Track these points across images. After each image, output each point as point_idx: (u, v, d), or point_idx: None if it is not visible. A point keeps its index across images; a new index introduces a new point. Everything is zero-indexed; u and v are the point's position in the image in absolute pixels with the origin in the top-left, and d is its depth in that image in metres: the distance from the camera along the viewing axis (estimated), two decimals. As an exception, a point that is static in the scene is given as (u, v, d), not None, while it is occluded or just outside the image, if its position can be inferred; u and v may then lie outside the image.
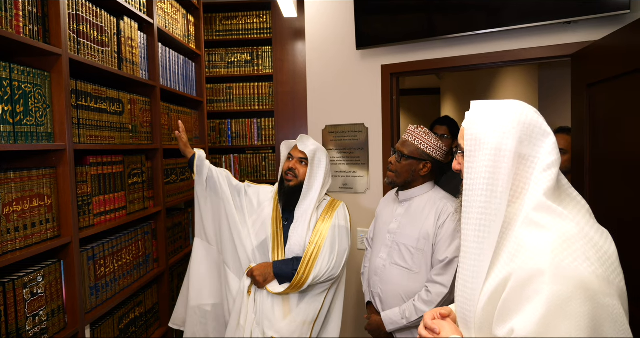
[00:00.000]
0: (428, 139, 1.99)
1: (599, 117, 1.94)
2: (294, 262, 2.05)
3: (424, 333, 1.19)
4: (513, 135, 1.02)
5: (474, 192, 1.05)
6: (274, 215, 2.16)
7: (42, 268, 1.63)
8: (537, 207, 0.99)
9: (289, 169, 2.13)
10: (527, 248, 0.96)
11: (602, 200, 1.91)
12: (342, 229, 2.12)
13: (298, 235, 2.08)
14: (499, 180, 1.02)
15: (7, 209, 1.47)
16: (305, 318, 2.03)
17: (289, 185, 2.12)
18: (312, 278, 1.99)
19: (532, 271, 0.91)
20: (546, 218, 0.98)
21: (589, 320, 0.86)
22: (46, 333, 1.63)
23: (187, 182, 3.11)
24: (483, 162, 1.04)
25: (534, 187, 1.01)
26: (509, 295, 0.95)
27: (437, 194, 2.04)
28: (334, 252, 2.05)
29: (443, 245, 1.90)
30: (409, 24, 2.50)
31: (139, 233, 2.38)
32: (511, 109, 1.07)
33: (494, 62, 2.39)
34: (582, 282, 0.88)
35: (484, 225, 1.03)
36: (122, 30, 2.23)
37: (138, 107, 2.38)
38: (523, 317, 0.90)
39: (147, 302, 2.47)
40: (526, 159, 1.03)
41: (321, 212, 2.14)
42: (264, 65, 4.20)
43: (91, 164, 1.95)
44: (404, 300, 1.97)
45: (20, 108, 1.54)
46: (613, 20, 2.05)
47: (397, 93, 2.73)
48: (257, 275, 2.04)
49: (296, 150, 2.15)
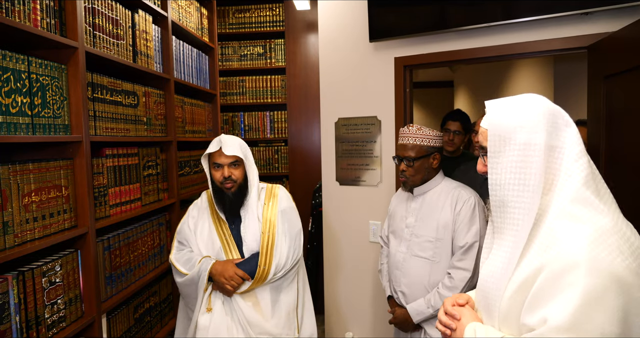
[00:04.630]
0: (425, 133, 2.01)
1: (616, 109, 1.92)
2: (254, 258, 1.94)
3: (443, 319, 1.22)
4: (541, 128, 1.02)
5: (502, 187, 1.06)
6: (216, 225, 2.03)
7: (59, 258, 1.66)
8: (575, 199, 1.00)
9: (225, 178, 1.94)
10: (562, 241, 0.96)
11: (617, 193, 1.89)
12: (290, 210, 2.06)
13: (251, 232, 1.98)
14: (530, 174, 1.02)
15: (26, 199, 1.51)
16: (287, 309, 2.00)
17: (231, 192, 1.96)
18: (275, 267, 1.91)
19: (568, 263, 0.93)
20: (582, 211, 0.99)
21: (622, 313, 0.88)
22: (64, 321, 1.67)
23: (201, 174, 3.14)
24: (510, 158, 1.04)
25: (566, 178, 1.02)
26: (542, 285, 0.96)
27: (450, 184, 2.07)
28: (291, 237, 2.00)
29: (462, 232, 1.95)
30: (422, 15, 2.48)
31: (154, 224, 2.41)
32: (531, 102, 1.06)
33: (509, 55, 2.36)
34: (617, 276, 0.90)
35: (517, 219, 1.04)
36: (136, 23, 2.25)
37: (152, 100, 2.41)
38: (557, 307, 0.92)
39: (162, 292, 2.51)
40: (554, 150, 1.03)
41: (264, 200, 2.06)
42: (277, 58, 4.20)
43: (107, 155, 1.97)
44: (427, 291, 2.00)
45: (38, 100, 1.57)
46: (631, 10, 2.01)
47: (410, 85, 2.71)
48: (224, 282, 1.87)
49: (222, 156, 1.94)
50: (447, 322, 1.20)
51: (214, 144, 1.96)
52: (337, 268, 2.94)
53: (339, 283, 2.94)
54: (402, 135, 2.06)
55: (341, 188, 2.92)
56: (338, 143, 2.90)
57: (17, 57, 1.47)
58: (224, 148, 1.93)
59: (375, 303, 2.84)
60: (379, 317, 2.82)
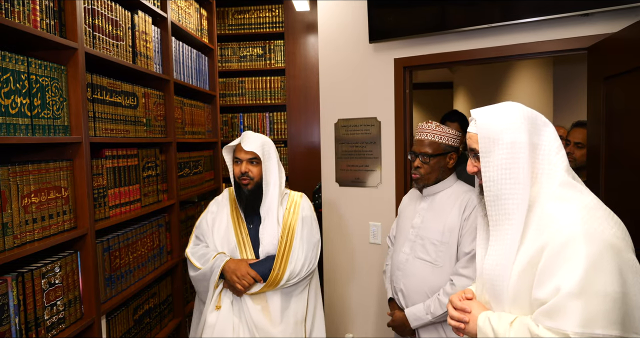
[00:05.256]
0: (445, 131, 1.96)
1: (616, 110, 1.92)
2: (268, 260, 1.94)
3: (455, 314, 1.31)
4: (523, 129, 1.18)
5: (495, 183, 1.20)
6: (234, 222, 2.04)
7: (59, 259, 1.66)
8: (562, 183, 1.17)
9: (242, 173, 1.97)
10: (558, 218, 1.12)
11: (617, 193, 1.89)
12: (311, 220, 2.06)
13: (269, 234, 1.98)
14: (519, 169, 1.17)
15: (25, 201, 1.50)
16: (296, 318, 1.97)
17: (247, 189, 1.98)
18: (289, 273, 1.90)
19: (568, 236, 1.08)
20: (569, 192, 1.16)
21: (618, 272, 1.04)
22: (63, 322, 1.67)
23: (200, 175, 3.13)
24: (500, 156, 1.19)
25: (551, 168, 1.19)
26: (547, 260, 1.10)
27: (461, 187, 2.01)
28: (309, 246, 1.99)
29: (468, 238, 1.88)
30: (422, 16, 2.48)
31: (153, 225, 2.41)
32: (512, 108, 1.23)
33: (509, 56, 2.36)
34: (609, 242, 1.06)
35: (511, 209, 1.18)
36: (136, 24, 2.25)
37: (152, 101, 2.40)
38: (566, 274, 1.05)
39: (162, 294, 2.50)
40: (536, 147, 1.20)
41: (286, 206, 2.05)
42: (276, 59, 4.20)
43: (107, 156, 1.97)
44: (427, 295, 1.94)
45: (38, 101, 1.56)
46: (631, 12, 2.02)
47: (410, 87, 2.71)
48: (236, 281, 1.87)
49: (242, 151, 1.97)
50: (459, 316, 1.29)
51: (239, 138, 2.01)
52: (336, 269, 2.94)
53: (339, 284, 2.94)
54: (421, 131, 2.00)
55: (341, 189, 2.91)
56: (338, 144, 2.90)
57: (16, 58, 1.47)
58: (244, 143, 1.95)
59: (376, 305, 2.84)
60: (379, 318, 2.82)
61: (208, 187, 3.27)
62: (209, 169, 3.34)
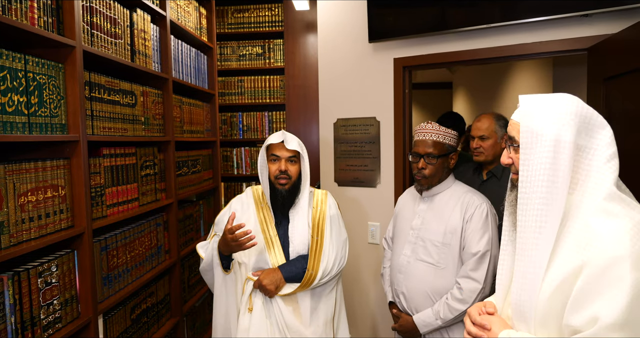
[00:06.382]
0: (447, 132, 1.96)
1: (616, 111, 1.91)
2: (299, 260, 1.94)
3: (473, 330, 1.18)
4: (571, 126, 1.04)
5: (532, 184, 1.06)
6: (262, 222, 1.99)
7: (56, 258, 1.65)
8: (609, 196, 1.02)
9: (281, 171, 1.92)
10: (603, 236, 0.97)
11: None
12: (338, 218, 2.06)
13: (300, 234, 1.97)
14: (558, 171, 1.03)
15: (22, 199, 1.49)
16: (325, 317, 1.97)
17: (284, 189, 1.94)
18: (321, 272, 1.89)
19: (613, 258, 0.93)
20: (617, 207, 1.01)
21: None
22: (60, 322, 1.66)
23: (199, 174, 3.13)
24: (542, 154, 1.05)
25: (598, 177, 1.04)
26: (586, 282, 0.96)
27: (461, 188, 2.00)
28: (338, 245, 2.00)
29: (474, 239, 1.85)
30: (421, 16, 2.47)
31: (151, 224, 2.40)
32: (566, 101, 1.08)
33: (508, 56, 2.36)
34: None
35: (544, 216, 1.04)
36: (134, 22, 2.24)
37: (150, 99, 2.39)
38: (607, 304, 0.92)
39: (159, 293, 2.50)
40: (582, 150, 1.05)
41: (312, 204, 2.03)
42: (276, 58, 4.19)
43: (104, 155, 1.96)
44: (429, 297, 1.92)
45: (35, 99, 1.55)
46: (631, 12, 2.01)
47: (409, 86, 2.71)
48: (267, 284, 1.85)
49: (282, 149, 1.93)
50: (478, 333, 1.16)
51: (276, 136, 1.95)
52: (335, 269, 2.93)
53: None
54: (421, 131, 1.98)
55: (340, 189, 2.91)
56: (337, 144, 2.89)
57: (13, 55, 1.46)
58: (287, 142, 1.93)
59: (374, 306, 2.83)
60: (378, 319, 2.82)
61: (206, 186, 3.26)
62: (208, 168, 3.33)
